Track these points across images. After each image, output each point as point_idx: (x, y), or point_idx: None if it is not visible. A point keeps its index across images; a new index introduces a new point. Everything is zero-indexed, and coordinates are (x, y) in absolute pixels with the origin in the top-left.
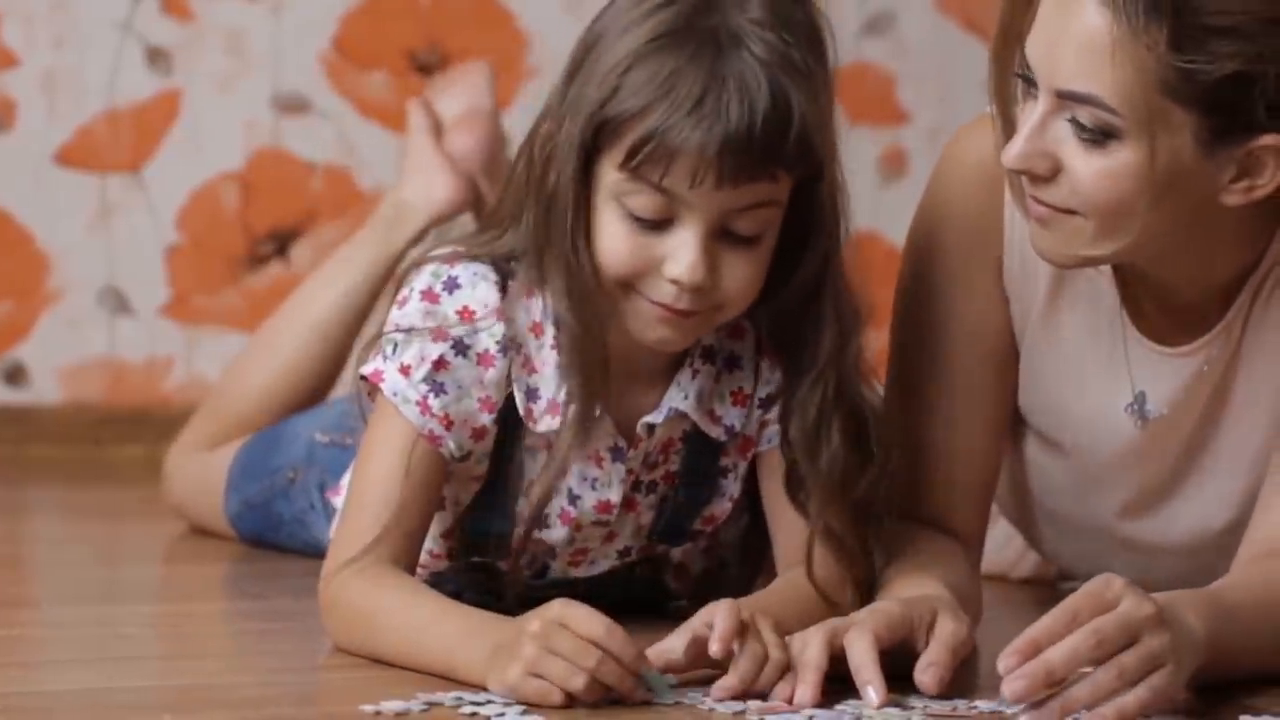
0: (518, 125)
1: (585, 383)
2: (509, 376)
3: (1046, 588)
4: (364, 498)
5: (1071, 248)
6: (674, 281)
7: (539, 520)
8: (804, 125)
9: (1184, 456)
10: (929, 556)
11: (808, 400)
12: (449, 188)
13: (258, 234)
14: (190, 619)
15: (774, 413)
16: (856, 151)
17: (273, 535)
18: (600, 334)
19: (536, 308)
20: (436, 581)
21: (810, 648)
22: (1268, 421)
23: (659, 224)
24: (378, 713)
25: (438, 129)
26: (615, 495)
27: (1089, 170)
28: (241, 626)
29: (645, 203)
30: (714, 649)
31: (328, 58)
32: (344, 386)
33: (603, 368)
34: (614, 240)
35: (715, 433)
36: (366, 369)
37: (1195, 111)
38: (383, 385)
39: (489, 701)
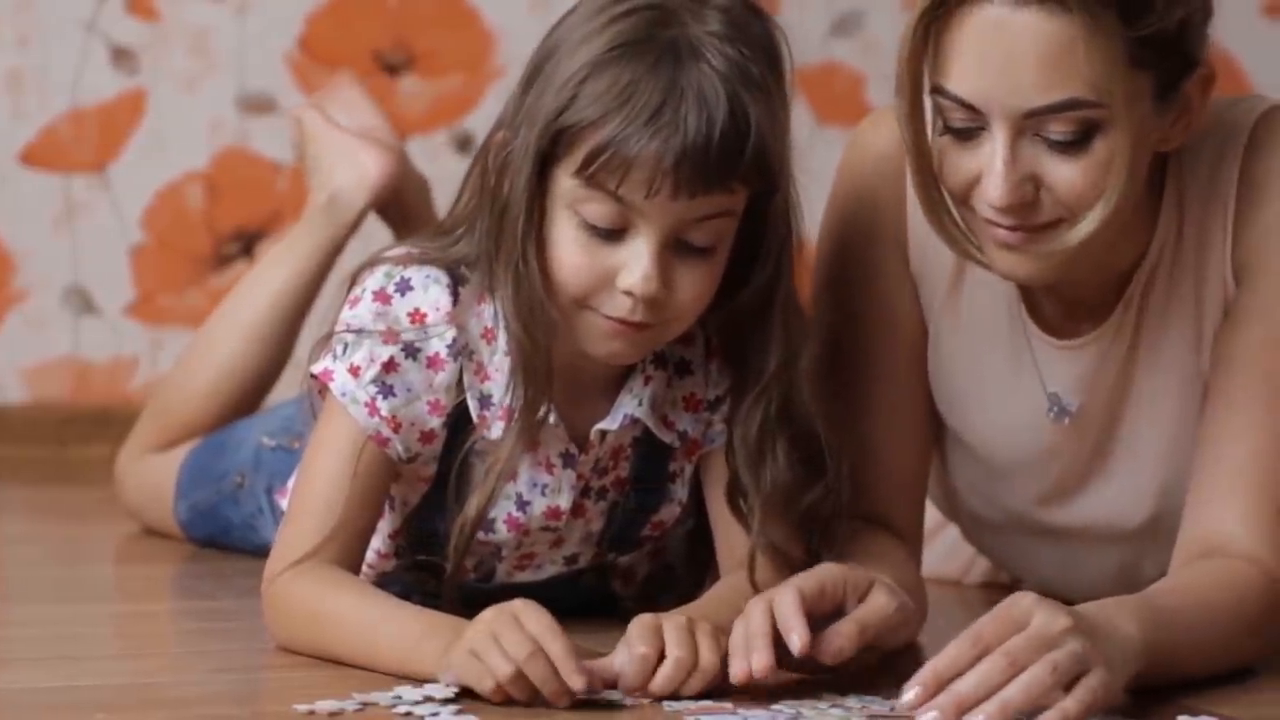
0: (486, 124)
1: (530, 391)
2: (460, 382)
3: (1001, 591)
4: (309, 498)
5: (1054, 258)
6: (627, 292)
7: (479, 525)
8: (761, 138)
9: (1094, 450)
10: (870, 554)
11: (751, 415)
12: (378, 161)
13: (223, 234)
14: (138, 619)
15: (720, 414)
16: (826, 151)
17: (223, 539)
18: (546, 344)
19: (489, 314)
20: (383, 583)
21: (753, 619)
22: (1174, 415)
23: (613, 234)
24: (311, 712)
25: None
26: (565, 501)
27: (1074, 174)
28: (187, 626)
29: (599, 211)
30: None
31: (293, 57)
32: (287, 389)
33: (548, 377)
34: (568, 251)
35: (669, 438)
36: (316, 367)
37: (1153, 70)
38: (332, 385)
39: (426, 699)
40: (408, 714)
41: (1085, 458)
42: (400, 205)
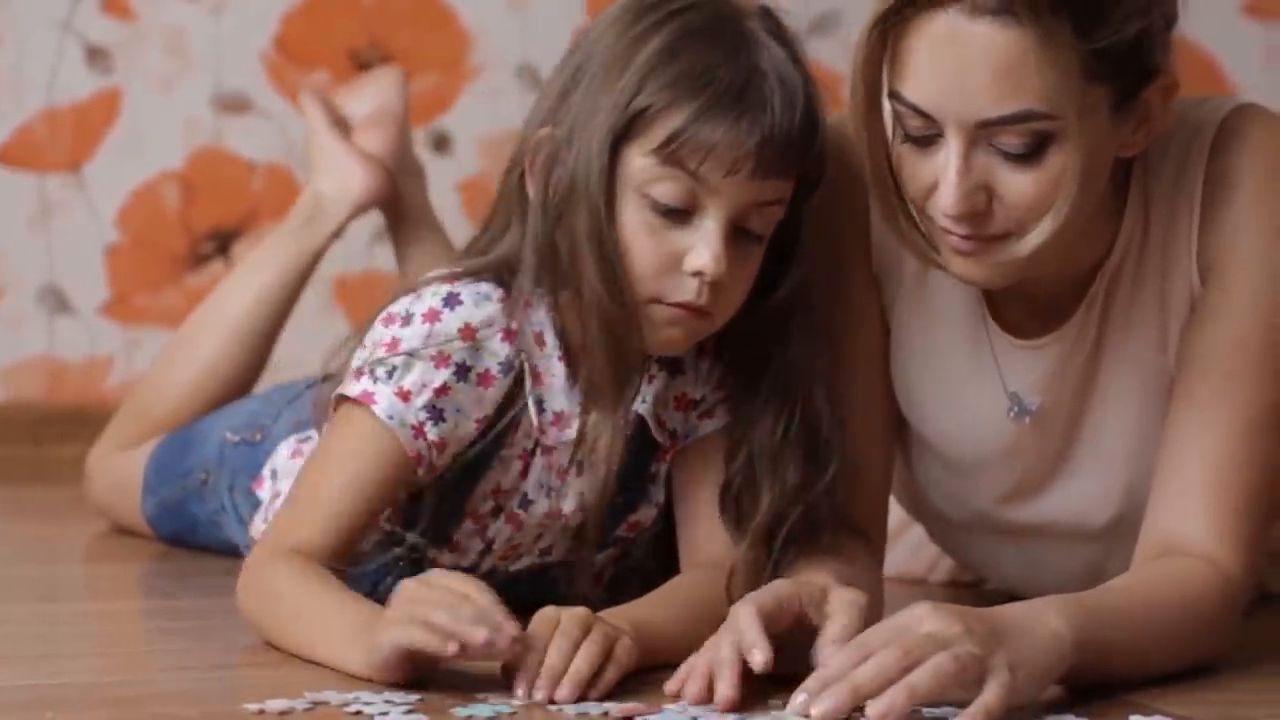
0: (462, 124)
1: (622, 373)
2: (514, 390)
3: (965, 589)
4: (318, 501)
5: (1008, 265)
6: (697, 273)
7: (603, 516)
8: (824, 126)
9: (1056, 450)
10: (827, 550)
11: (778, 420)
12: (364, 179)
13: (198, 233)
14: (102, 618)
15: (699, 411)
16: None
17: (189, 536)
18: (636, 323)
19: (537, 319)
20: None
21: (723, 648)
22: (1139, 415)
23: (680, 215)
24: (261, 711)
25: (339, 122)
26: (569, 505)
27: (1026, 184)
28: (149, 625)
29: (672, 190)
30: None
31: (269, 57)
32: (259, 386)
33: (640, 346)
34: (635, 233)
35: (662, 437)
36: (353, 390)
37: (1109, 81)
38: (376, 408)
39: (385, 700)
40: (357, 713)
41: (1048, 457)
42: (396, 197)
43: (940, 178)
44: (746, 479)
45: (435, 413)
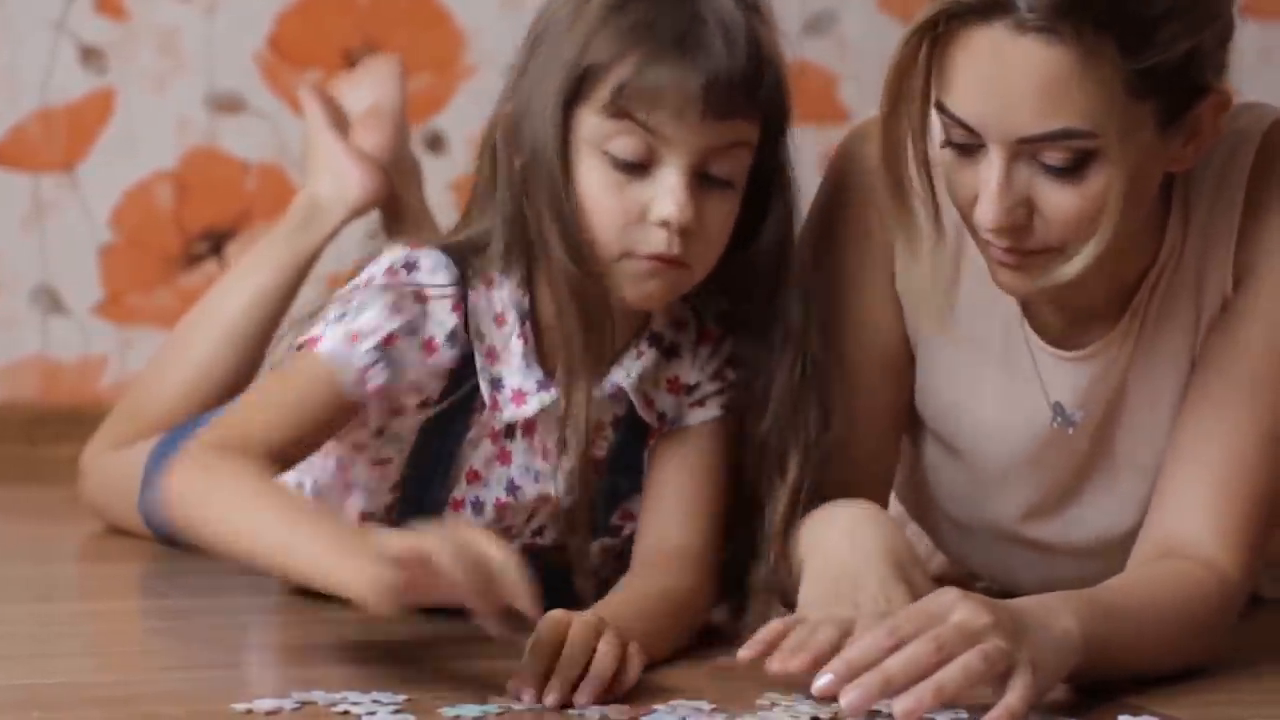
0: (456, 124)
1: (590, 337)
2: (464, 370)
3: (957, 584)
4: (252, 421)
5: (1049, 279)
6: (663, 223)
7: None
8: (776, 68)
9: (1086, 460)
10: None
11: (793, 367)
12: (362, 181)
13: (192, 233)
14: (93, 617)
15: (693, 397)
16: (797, 150)
17: None
18: (602, 286)
19: (498, 298)
20: None
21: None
22: (1166, 423)
23: (640, 168)
24: (249, 711)
25: (339, 119)
26: (560, 487)
27: (1067, 201)
28: (140, 625)
29: (627, 144)
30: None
31: (263, 56)
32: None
33: (605, 309)
34: (598, 192)
35: (649, 417)
36: (303, 336)
37: (1155, 100)
38: (320, 349)
39: (372, 699)
40: (344, 713)
41: (1076, 467)
42: (394, 198)
43: (981, 191)
44: (773, 438)
45: (380, 356)
